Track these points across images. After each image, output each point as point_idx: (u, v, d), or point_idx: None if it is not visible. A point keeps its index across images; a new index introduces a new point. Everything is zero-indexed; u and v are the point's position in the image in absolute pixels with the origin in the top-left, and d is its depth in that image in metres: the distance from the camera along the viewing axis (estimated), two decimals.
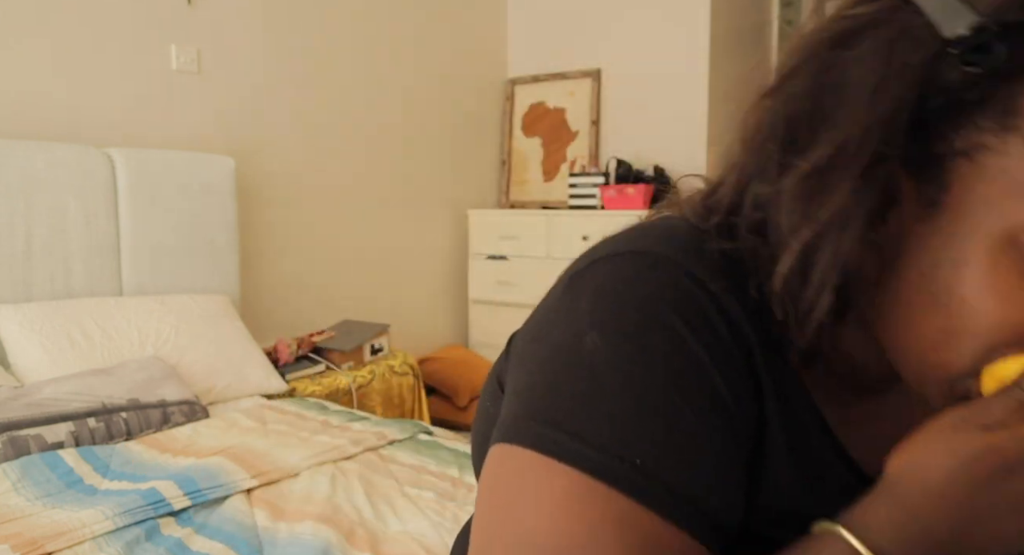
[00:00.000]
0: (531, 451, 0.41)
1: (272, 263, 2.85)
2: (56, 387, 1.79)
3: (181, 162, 2.42)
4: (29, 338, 1.97)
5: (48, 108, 2.26)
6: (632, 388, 0.41)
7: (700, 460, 0.41)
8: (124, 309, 2.16)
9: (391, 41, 3.22)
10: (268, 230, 2.83)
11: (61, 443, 1.66)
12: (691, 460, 0.41)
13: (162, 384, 1.92)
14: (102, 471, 1.55)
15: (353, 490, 1.49)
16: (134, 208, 2.29)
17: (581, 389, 0.42)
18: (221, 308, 2.36)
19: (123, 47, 2.41)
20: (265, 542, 1.28)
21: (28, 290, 2.09)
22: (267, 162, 2.81)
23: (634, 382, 0.41)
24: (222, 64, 2.66)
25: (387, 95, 3.23)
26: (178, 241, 2.39)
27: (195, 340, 2.19)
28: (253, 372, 2.25)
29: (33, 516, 1.33)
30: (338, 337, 2.65)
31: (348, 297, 3.09)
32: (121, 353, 2.04)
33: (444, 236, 3.54)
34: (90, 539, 1.25)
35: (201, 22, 2.59)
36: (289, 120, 2.88)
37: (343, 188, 3.09)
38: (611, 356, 0.42)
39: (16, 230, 2.06)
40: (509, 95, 3.74)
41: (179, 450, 1.67)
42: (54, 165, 2.12)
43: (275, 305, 2.83)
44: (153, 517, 1.33)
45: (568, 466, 0.40)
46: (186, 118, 2.57)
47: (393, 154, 3.28)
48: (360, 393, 2.52)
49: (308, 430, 1.83)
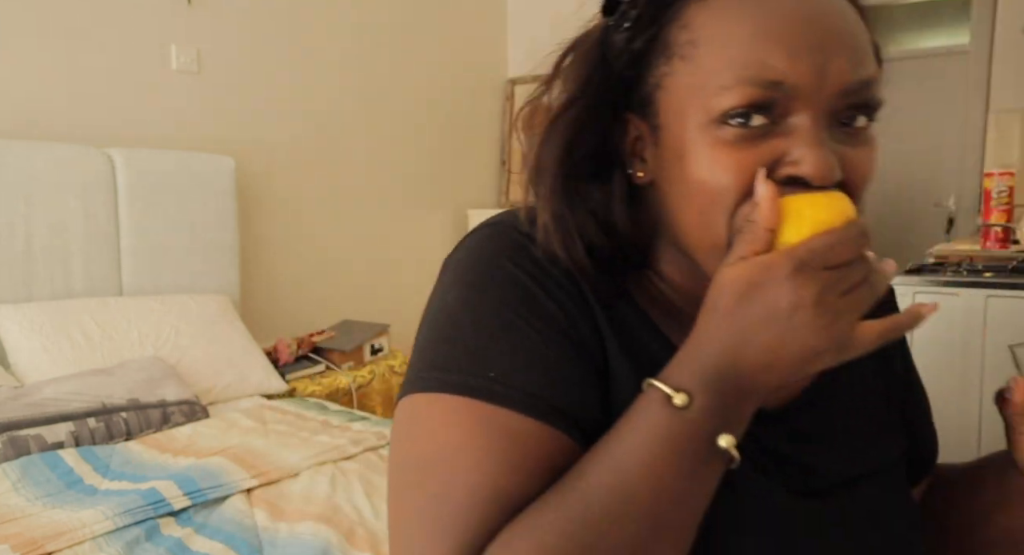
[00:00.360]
0: (416, 394, 0.51)
1: (272, 263, 2.85)
2: (56, 387, 1.79)
3: (181, 162, 2.42)
4: (29, 338, 1.97)
5: (48, 108, 2.26)
6: (479, 320, 0.52)
7: (543, 363, 0.50)
8: (124, 309, 2.16)
9: (391, 41, 3.22)
10: (268, 230, 2.83)
11: (61, 443, 1.66)
12: (535, 364, 0.50)
13: (162, 384, 1.92)
14: (102, 471, 1.55)
15: (353, 490, 1.49)
16: (134, 208, 2.29)
17: (445, 334, 0.53)
18: (221, 308, 2.36)
19: (123, 47, 2.41)
20: (265, 542, 1.28)
21: (28, 290, 2.09)
22: (267, 162, 2.81)
23: (480, 315, 0.52)
24: (222, 64, 2.66)
25: (387, 95, 3.23)
26: (178, 241, 2.39)
27: (195, 340, 2.19)
28: (253, 372, 2.25)
29: (33, 516, 1.33)
30: (338, 337, 2.65)
31: (348, 297, 3.09)
32: (121, 353, 2.04)
33: (444, 236, 3.54)
34: (90, 539, 1.25)
35: (201, 22, 2.59)
36: (289, 120, 2.88)
37: (343, 188, 3.09)
38: (464, 301, 0.53)
39: (16, 230, 2.06)
40: (509, 95, 3.74)
41: (179, 450, 1.67)
42: (54, 165, 2.12)
43: (275, 305, 2.83)
44: (153, 517, 1.33)
45: (441, 393, 0.50)
46: (186, 118, 2.57)
47: (393, 154, 3.28)
48: (360, 393, 2.52)
49: (308, 430, 1.83)
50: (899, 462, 0.63)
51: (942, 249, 2.41)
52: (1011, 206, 2.27)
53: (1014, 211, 2.29)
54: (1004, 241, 2.26)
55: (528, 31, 3.70)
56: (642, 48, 0.52)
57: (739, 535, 0.53)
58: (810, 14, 0.48)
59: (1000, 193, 2.26)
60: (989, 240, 2.29)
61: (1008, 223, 2.27)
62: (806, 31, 0.48)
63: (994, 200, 2.27)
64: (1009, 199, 2.26)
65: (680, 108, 0.50)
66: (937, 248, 2.45)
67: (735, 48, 0.48)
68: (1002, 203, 2.26)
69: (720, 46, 0.48)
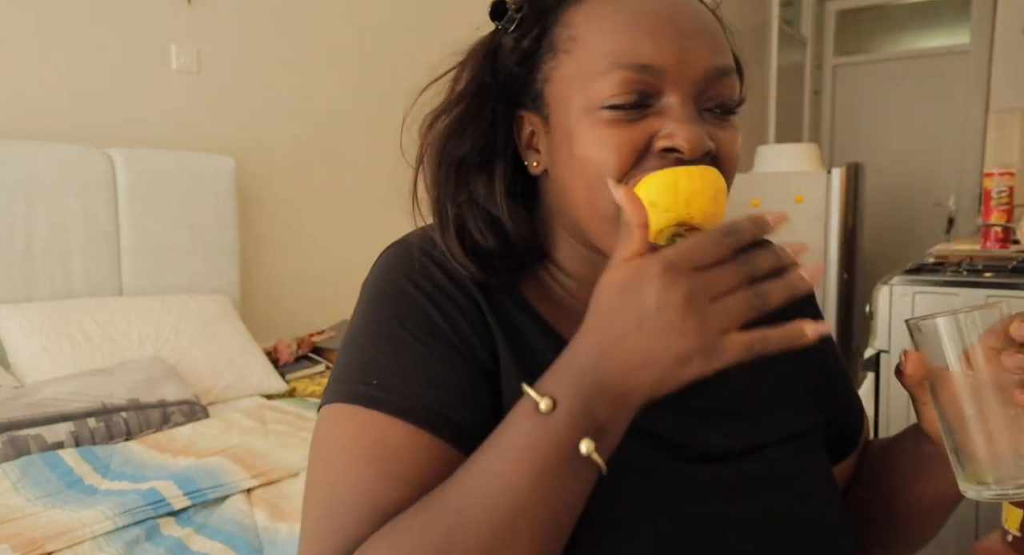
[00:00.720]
0: (325, 406, 0.55)
1: (272, 263, 2.85)
2: (56, 387, 1.79)
3: (181, 162, 2.42)
4: (29, 338, 1.97)
5: (48, 108, 2.26)
6: (369, 331, 0.56)
7: (425, 372, 0.53)
8: (124, 309, 2.16)
9: (391, 41, 3.22)
10: (268, 230, 2.83)
11: (61, 443, 1.66)
12: (417, 372, 0.53)
13: (162, 384, 1.93)
14: (102, 471, 1.55)
15: None
16: (134, 208, 2.29)
17: (346, 348, 0.57)
18: (221, 308, 2.36)
19: (123, 47, 2.40)
20: (265, 542, 1.28)
21: (28, 290, 2.09)
22: (267, 162, 2.81)
23: (370, 326, 0.57)
24: (222, 64, 2.66)
25: (387, 94, 3.22)
26: (178, 241, 2.39)
27: (195, 340, 2.19)
28: (253, 372, 2.25)
29: (33, 516, 1.33)
30: (338, 337, 2.65)
31: (348, 297, 3.05)
32: (121, 353, 2.04)
33: None
34: (90, 539, 1.25)
35: (201, 22, 2.59)
36: (289, 120, 2.88)
37: (343, 188, 3.09)
38: (362, 317, 0.58)
39: (16, 230, 2.06)
40: None
41: (179, 450, 1.67)
42: (54, 165, 2.12)
43: (275, 305, 2.83)
44: (153, 517, 1.33)
45: (336, 403, 0.54)
46: (186, 118, 2.57)
47: (393, 154, 3.27)
48: None
49: (308, 430, 1.83)
50: (810, 432, 0.65)
51: (942, 249, 2.41)
52: (1011, 206, 2.27)
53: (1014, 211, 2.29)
54: (1004, 241, 2.26)
55: None
56: (530, 47, 0.58)
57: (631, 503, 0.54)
58: (672, 10, 0.54)
59: (1000, 193, 2.26)
60: (989, 240, 2.28)
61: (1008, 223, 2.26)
62: (669, 23, 0.54)
63: (994, 200, 2.27)
64: (1009, 199, 2.26)
65: (565, 96, 0.56)
66: (937, 248, 2.45)
67: (609, 39, 0.54)
68: (1002, 203, 2.26)
69: (596, 39, 0.54)
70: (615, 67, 0.53)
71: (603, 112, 0.53)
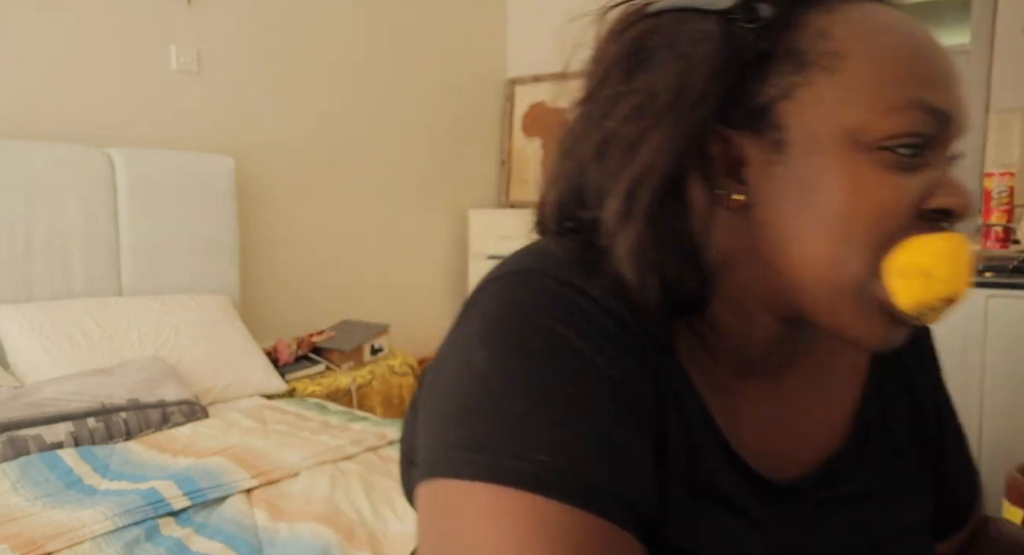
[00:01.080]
0: (449, 480, 0.41)
1: (272, 263, 2.85)
2: (56, 387, 1.79)
3: (181, 162, 2.42)
4: (29, 338, 1.97)
5: (48, 108, 2.26)
6: (521, 390, 0.41)
7: (599, 439, 0.41)
8: (124, 309, 2.16)
9: (391, 41, 3.22)
10: (268, 230, 2.83)
11: (61, 443, 1.66)
12: (590, 441, 0.41)
13: (162, 384, 1.92)
14: (101, 471, 1.55)
15: (353, 490, 1.49)
16: (134, 208, 2.29)
17: (478, 405, 0.42)
18: (221, 308, 2.36)
19: (123, 47, 2.40)
20: (265, 542, 1.28)
21: (28, 290, 2.09)
22: (267, 162, 2.81)
23: (522, 384, 0.42)
24: (222, 64, 2.66)
25: (387, 95, 3.23)
26: (178, 241, 2.39)
27: (195, 340, 2.19)
28: (253, 372, 2.25)
29: (33, 516, 1.33)
30: (338, 337, 2.65)
31: (348, 297, 3.09)
32: (121, 353, 2.04)
33: (444, 236, 3.54)
34: (90, 539, 1.25)
35: (201, 22, 2.59)
36: (289, 120, 2.88)
37: (343, 188, 3.09)
38: (499, 366, 0.42)
39: (16, 230, 2.06)
40: (509, 95, 3.74)
41: (179, 450, 1.67)
42: (54, 165, 2.12)
43: (275, 305, 2.83)
44: (153, 517, 1.33)
45: (484, 482, 0.39)
46: (186, 118, 2.57)
47: (393, 154, 3.28)
48: (360, 393, 2.52)
49: (308, 430, 1.83)
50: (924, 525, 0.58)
51: None
52: (1011, 206, 2.27)
53: (1014, 211, 2.28)
54: (1004, 241, 2.26)
55: (528, 31, 3.70)
56: (768, 51, 0.45)
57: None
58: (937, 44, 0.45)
59: (1000, 193, 2.26)
60: (989, 240, 2.28)
61: (1008, 223, 2.26)
62: (947, 62, 0.45)
63: (994, 200, 2.27)
64: (1009, 199, 2.26)
65: (819, 125, 0.44)
66: None
67: (894, 68, 0.44)
68: (1002, 203, 2.26)
69: (877, 64, 0.44)
70: (911, 106, 0.43)
71: (884, 154, 0.43)
